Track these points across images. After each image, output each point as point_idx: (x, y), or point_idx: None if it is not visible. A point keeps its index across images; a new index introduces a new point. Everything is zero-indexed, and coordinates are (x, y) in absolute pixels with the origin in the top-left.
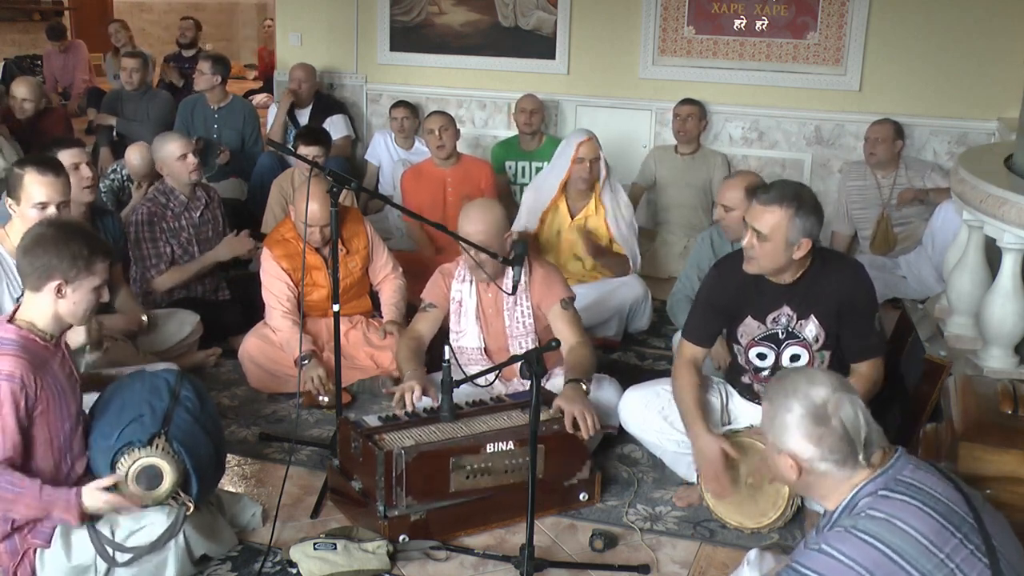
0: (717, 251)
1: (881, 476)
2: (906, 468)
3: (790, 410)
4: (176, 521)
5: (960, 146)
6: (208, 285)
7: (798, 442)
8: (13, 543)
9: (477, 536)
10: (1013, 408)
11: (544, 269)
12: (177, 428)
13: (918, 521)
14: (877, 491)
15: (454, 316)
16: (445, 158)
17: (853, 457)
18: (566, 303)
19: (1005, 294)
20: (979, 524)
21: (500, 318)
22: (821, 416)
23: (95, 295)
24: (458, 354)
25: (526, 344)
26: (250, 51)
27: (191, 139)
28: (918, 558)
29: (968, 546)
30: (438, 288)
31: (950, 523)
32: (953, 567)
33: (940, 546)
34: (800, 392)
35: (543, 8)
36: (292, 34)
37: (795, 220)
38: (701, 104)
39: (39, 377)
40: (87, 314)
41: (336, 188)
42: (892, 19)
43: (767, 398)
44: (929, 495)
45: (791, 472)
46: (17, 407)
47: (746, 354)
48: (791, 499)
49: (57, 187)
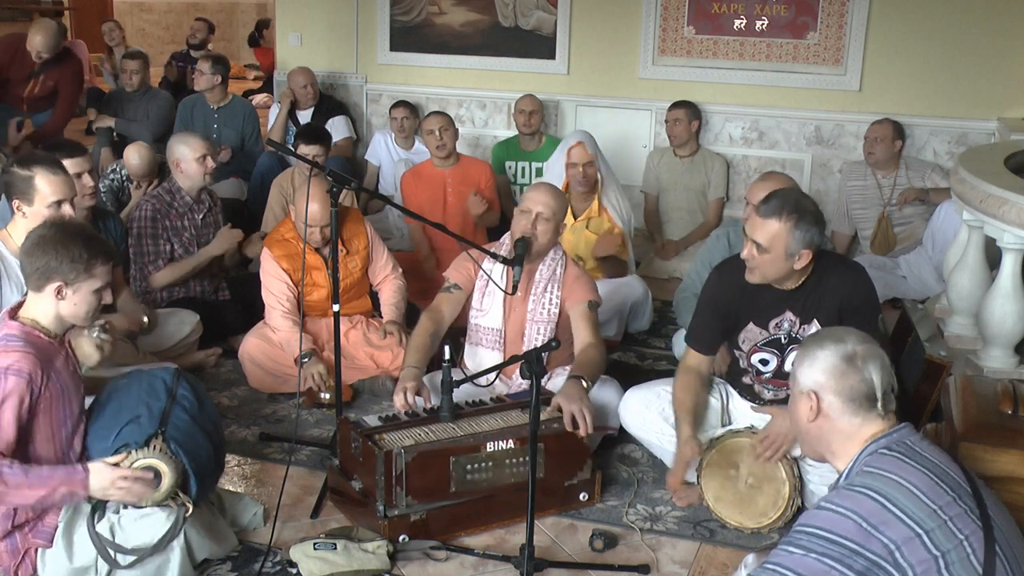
0: (734, 250)
1: (884, 438)
2: (912, 435)
3: (822, 347)
4: (177, 522)
5: (960, 146)
6: (208, 285)
7: (822, 374)
8: (14, 542)
9: (477, 536)
10: (1013, 408)
11: (579, 270)
12: (175, 428)
13: (913, 476)
14: (877, 450)
15: (478, 294)
16: (444, 158)
17: (870, 403)
18: (592, 305)
19: (1005, 294)
20: (974, 492)
21: (524, 305)
22: (850, 358)
23: (96, 297)
24: (475, 332)
25: (543, 332)
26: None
27: (211, 143)
28: (910, 506)
29: (961, 505)
30: (464, 269)
31: (945, 483)
32: (946, 519)
33: (934, 499)
34: (835, 337)
35: (543, 8)
36: (292, 34)
37: (795, 232)
38: (692, 106)
39: (45, 373)
40: (89, 315)
41: (336, 188)
42: (892, 19)
43: (802, 345)
44: (926, 459)
45: (808, 413)
46: (21, 403)
47: (748, 359)
48: (791, 499)
49: (69, 184)
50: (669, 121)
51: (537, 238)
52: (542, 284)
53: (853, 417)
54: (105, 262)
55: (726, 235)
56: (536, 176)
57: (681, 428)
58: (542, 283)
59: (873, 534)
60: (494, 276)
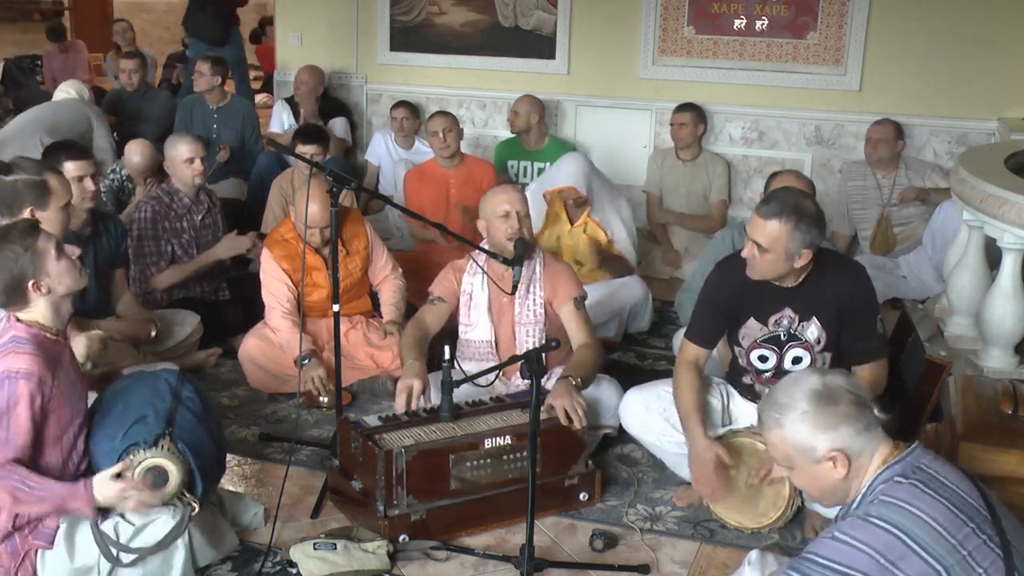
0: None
1: (898, 463)
2: (924, 458)
3: (800, 406)
4: (181, 521)
5: (960, 146)
6: (208, 285)
7: (828, 431)
8: (14, 544)
9: (477, 536)
10: (1013, 408)
11: (559, 265)
12: (181, 428)
13: (930, 507)
14: (892, 477)
15: (464, 309)
16: (449, 158)
17: (868, 413)
18: (578, 302)
19: (1005, 294)
20: (993, 517)
21: (511, 310)
22: (827, 395)
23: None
24: (466, 347)
25: (535, 334)
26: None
27: (201, 143)
28: (929, 541)
29: (981, 536)
30: (448, 283)
31: (963, 512)
32: (965, 554)
33: (953, 532)
34: (793, 397)
35: (543, 8)
36: (292, 34)
37: (795, 233)
38: (699, 110)
39: (54, 374)
40: (76, 272)
41: (336, 188)
42: (892, 19)
43: (766, 421)
44: (943, 484)
45: (840, 470)
46: (32, 407)
47: (747, 356)
48: (791, 499)
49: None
50: (674, 124)
51: (525, 236)
52: (524, 286)
53: (868, 443)
54: (35, 201)
55: (731, 237)
56: (538, 176)
57: (693, 431)
58: (524, 284)
59: (891, 570)
60: (476, 286)
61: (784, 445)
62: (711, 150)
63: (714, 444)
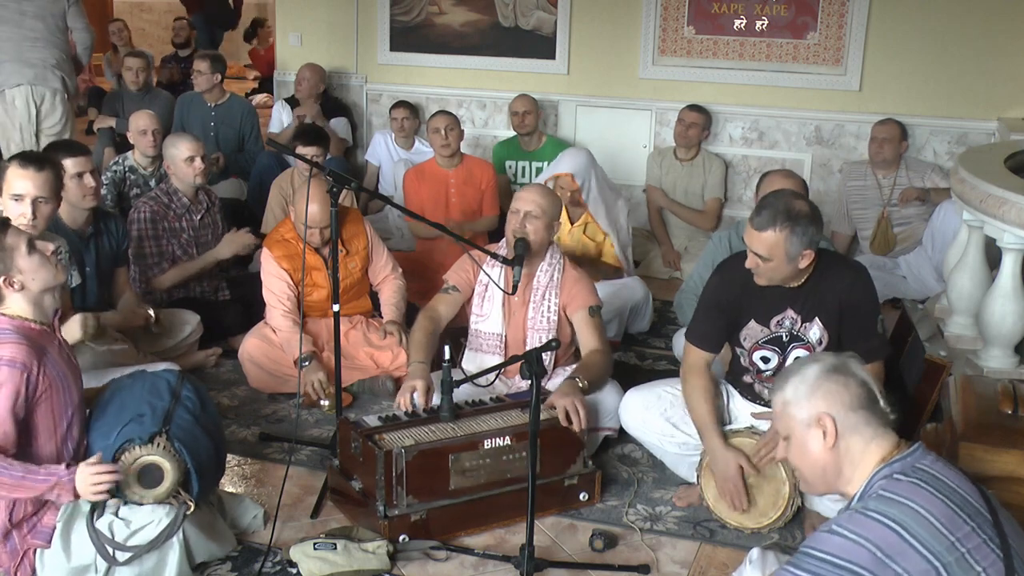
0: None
1: (899, 461)
2: (926, 458)
3: (807, 373)
4: (176, 519)
5: (960, 146)
6: (208, 285)
7: (825, 397)
8: (13, 543)
9: (477, 536)
10: (1013, 408)
11: (577, 272)
12: (178, 427)
13: (930, 504)
14: (892, 474)
15: (478, 299)
16: (449, 157)
17: (875, 405)
18: (594, 310)
19: (1005, 294)
20: (995, 519)
21: (524, 309)
22: (839, 368)
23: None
24: (475, 337)
25: (544, 340)
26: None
27: (203, 142)
28: (928, 538)
29: (981, 535)
30: (464, 272)
31: (964, 512)
32: (964, 552)
33: (952, 530)
34: (808, 363)
35: (543, 8)
36: (292, 34)
37: (792, 238)
38: (708, 113)
39: (41, 363)
40: (50, 268)
41: (336, 188)
42: (892, 19)
43: (775, 390)
44: (944, 484)
45: (827, 440)
46: (16, 395)
47: (750, 356)
48: (791, 499)
49: (37, 182)
50: (684, 122)
51: (528, 236)
52: (540, 291)
53: (865, 428)
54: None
55: (728, 237)
56: (536, 176)
57: (712, 442)
58: (540, 290)
59: (888, 564)
60: (495, 276)
61: (783, 407)
62: (711, 150)
63: (737, 454)
